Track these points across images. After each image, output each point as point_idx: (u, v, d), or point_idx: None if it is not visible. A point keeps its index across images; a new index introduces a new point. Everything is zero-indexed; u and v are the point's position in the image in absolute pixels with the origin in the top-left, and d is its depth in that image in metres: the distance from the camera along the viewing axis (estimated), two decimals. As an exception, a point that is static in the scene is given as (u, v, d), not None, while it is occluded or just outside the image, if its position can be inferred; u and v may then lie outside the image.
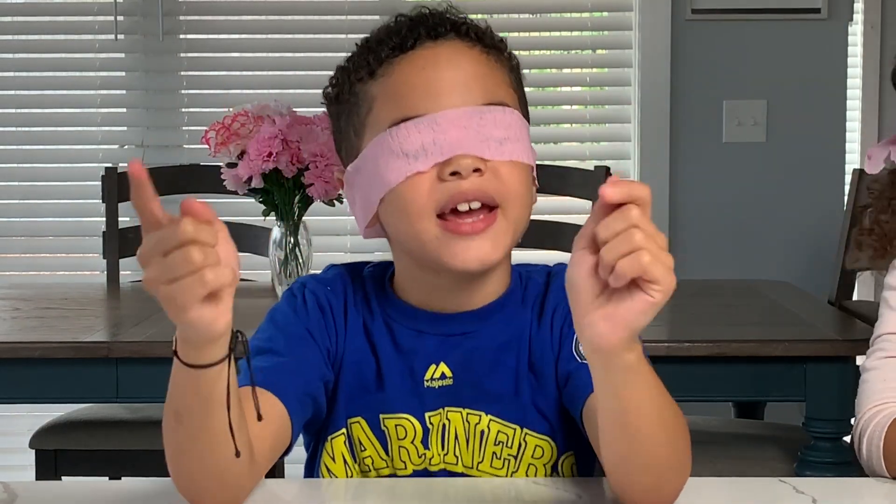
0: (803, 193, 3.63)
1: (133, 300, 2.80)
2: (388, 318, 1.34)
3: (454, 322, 1.33)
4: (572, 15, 3.82)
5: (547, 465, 1.33)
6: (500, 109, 1.27)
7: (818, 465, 2.16)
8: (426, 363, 1.32)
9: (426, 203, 1.24)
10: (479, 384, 1.32)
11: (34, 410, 3.52)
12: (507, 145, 1.26)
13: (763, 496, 1.27)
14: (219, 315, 1.00)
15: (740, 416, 2.95)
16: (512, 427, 1.32)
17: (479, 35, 1.31)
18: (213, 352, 1.05)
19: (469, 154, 1.23)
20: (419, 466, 1.32)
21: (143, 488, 1.27)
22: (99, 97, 3.77)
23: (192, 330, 1.01)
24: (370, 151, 1.27)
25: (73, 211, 3.76)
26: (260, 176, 2.38)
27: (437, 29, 1.29)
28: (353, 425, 1.33)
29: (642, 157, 3.65)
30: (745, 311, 2.55)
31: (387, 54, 1.29)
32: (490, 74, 1.29)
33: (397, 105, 1.26)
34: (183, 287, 0.96)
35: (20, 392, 2.23)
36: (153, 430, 2.69)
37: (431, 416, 1.32)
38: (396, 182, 1.25)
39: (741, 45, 3.62)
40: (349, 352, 1.33)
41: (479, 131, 1.24)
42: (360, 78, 1.30)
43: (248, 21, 3.76)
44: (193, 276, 0.96)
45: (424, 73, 1.27)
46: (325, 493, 1.32)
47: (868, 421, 1.42)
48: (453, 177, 1.23)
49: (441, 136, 1.23)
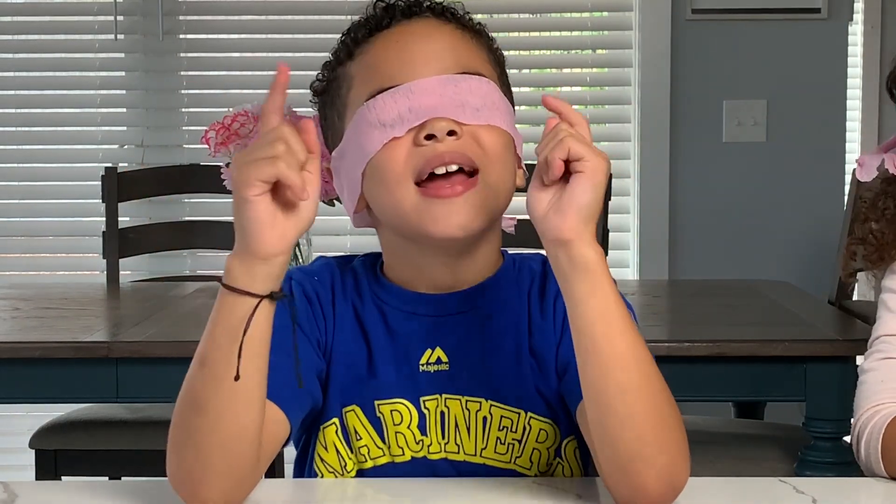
0: (803, 193, 3.63)
1: (133, 300, 2.80)
2: (380, 301, 1.34)
3: (446, 302, 1.32)
4: (572, 15, 3.82)
5: (550, 448, 1.32)
6: (476, 78, 1.28)
7: (818, 465, 2.16)
8: (421, 347, 1.32)
9: (404, 170, 1.24)
10: (476, 369, 1.31)
11: (34, 410, 3.52)
12: (483, 112, 1.26)
13: (763, 496, 1.27)
14: (275, 221, 1.09)
15: (740, 416, 2.95)
16: (515, 411, 1.31)
17: (455, 15, 1.33)
18: (258, 276, 1.11)
19: (444, 117, 1.24)
20: (418, 454, 1.31)
21: (143, 488, 1.27)
22: (99, 97, 3.77)
23: (243, 219, 1.09)
24: (351, 129, 1.29)
25: (73, 211, 3.76)
26: (260, 176, 2.38)
27: (412, 9, 1.32)
28: (348, 414, 1.32)
29: (642, 157, 3.65)
30: (745, 311, 2.55)
31: (363, 35, 1.32)
32: (464, 46, 1.31)
33: (374, 78, 1.28)
34: (256, 163, 1.08)
35: (20, 392, 2.23)
36: (153, 430, 2.72)
37: (426, 400, 1.31)
38: (374, 151, 1.25)
39: (741, 45, 3.62)
40: (339, 341, 1.33)
41: (454, 98, 1.25)
42: (340, 61, 1.34)
43: (248, 21, 3.76)
44: (267, 158, 1.08)
45: (398, 46, 1.29)
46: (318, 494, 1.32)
47: (866, 422, 1.42)
48: (429, 140, 1.24)
49: (416, 103, 1.24)
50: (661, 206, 3.63)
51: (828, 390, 2.15)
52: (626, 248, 3.71)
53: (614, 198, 3.13)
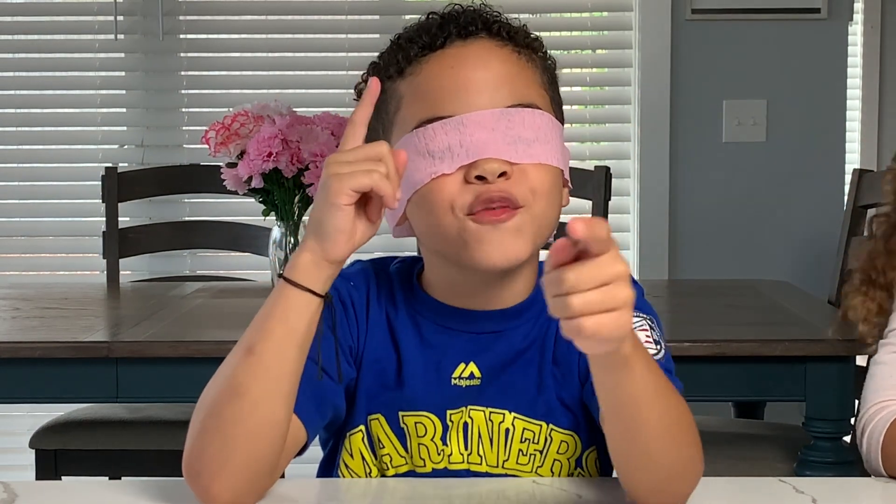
0: (803, 193, 3.63)
1: (133, 300, 2.80)
2: (415, 312, 1.33)
3: (483, 320, 1.32)
4: (572, 15, 3.82)
5: (571, 459, 1.32)
6: (529, 111, 1.25)
7: (818, 465, 2.16)
8: (455, 361, 1.31)
9: (452, 204, 1.23)
10: (503, 382, 1.31)
11: (34, 410, 3.52)
12: (535, 147, 1.24)
13: (763, 496, 1.27)
14: (353, 230, 1.16)
15: (740, 416, 2.95)
16: (538, 423, 1.31)
17: (510, 34, 1.30)
18: (322, 276, 1.17)
19: (495, 158, 1.22)
20: (439, 465, 1.31)
21: (143, 488, 1.27)
22: (99, 97, 3.77)
23: (328, 224, 1.15)
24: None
25: (73, 211, 3.75)
26: (260, 176, 2.38)
27: (468, 28, 1.28)
28: (373, 422, 1.32)
29: (642, 157, 3.65)
30: (745, 311, 2.55)
31: (416, 53, 1.28)
32: (520, 75, 1.28)
33: (425, 105, 1.26)
34: (353, 174, 1.13)
35: (20, 392, 2.23)
36: (153, 430, 2.72)
37: (452, 413, 1.31)
38: (422, 183, 1.24)
39: (741, 45, 3.62)
40: (370, 348, 1.33)
41: (506, 133, 1.23)
42: (390, 76, 1.30)
43: (248, 21, 3.76)
44: (365, 171, 1.13)
45: (453, 73, 1.26)
46: (343, 494, 1.32)
47: (870, 417, 1.42)
48: (479, 181, 1.23)
49: (467, 138, 1.23)
50: (661, 206, 3.63)
51: (828, 390, 2.15)
52: (626, 248, 3.71)
53: (614, 198, 3.13)
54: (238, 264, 3.60)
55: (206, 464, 1.16)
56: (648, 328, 1.30)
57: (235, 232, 3.17)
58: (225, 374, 1.18)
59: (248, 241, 3.12)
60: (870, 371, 1.48)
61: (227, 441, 1.16)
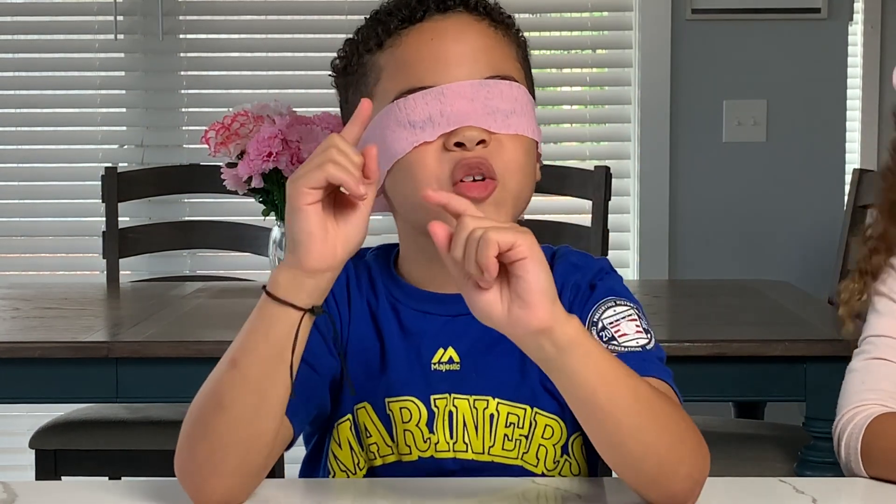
0: (803, 193, 3.63)
1: (133, 300, 2.80)
2: (394, 299, 1.34)
3: (458, 302, 1.31)
4: (572, 15, 3.82)
5: (557, 445, 1.33)
6: (507, 83, 1.28)
7: (818, 465, 2.16)
8: (433, 346, 1.32)
9: (432, 172, 1.25)
10: (484, 367, 1.31)
11: (34, 410, 3.52)
12: (512, 118, 1.27)
13: (763, 496, 1.27)
14: (325, 233, 1.12)
15: (740, 416, 2.95)
16: (522, 407, 1.32)
17: (487, 9, 1.33)
18: (303, 288, 1.14)
19: (475, 126, 1.25)
20: (425, 453, 1.31)
21: (143, 488, 1.27)
22: (99, 97, 3.77)
23: (295, 230, 1.12)
24: (377, 122, 1.28)
25: (73, 211, 3.76)
26: (260, 176, 2.38)
27: (446, 2, 1.31)
28: (359, 411, 1.33)
29: (642, 157, 3.65)
30: (745, 311, 2.55)
31: (395, 25, 1.31)
32: (497, 48, 1.31)
33: (405, 76, 1.28)
34: (307, 174, 1.11)
35: (20, 392, 2.23)
36: (153, 430, 2.72)
37: (437, 398, 1.31)
38: (403, 152, 1.26)
39: (741, 45, 3.62)
40: (354, 338, 1.33)
41: (485, 103, 1.26)
42: (369, 49, 1.33)
43: (248, 21, 3.76)
44: (317, 166, 1.11)
45: (432, 45, 1.28)
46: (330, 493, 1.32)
47: (846, 423, 1.43)
48: (458, 147, 1.25)
49: (448, 108, 1.25)
50: (661, 206, 3.63)
51: (828, 390, 2.14)
52: (626, 248, 3.71)
53: (614, 198, 3.13)
54: (238, 264, 3.60)
55: (197, 468, 1.17)
56: (637, 317, 1.31)
57: (235, 232, 3.17)
58: (211, 385, 1.18)
59: (248, 241, 3.12)
60: (844, 379, 1.49)
61: (216, 449, 1.16)
